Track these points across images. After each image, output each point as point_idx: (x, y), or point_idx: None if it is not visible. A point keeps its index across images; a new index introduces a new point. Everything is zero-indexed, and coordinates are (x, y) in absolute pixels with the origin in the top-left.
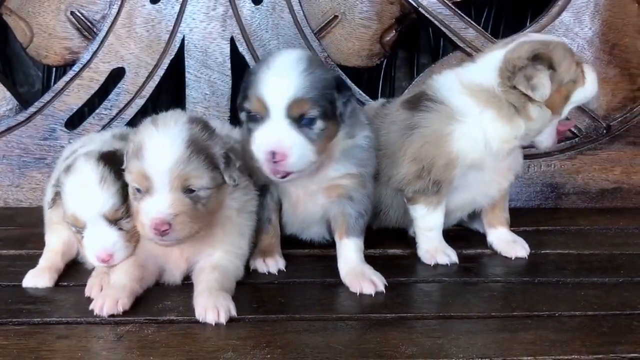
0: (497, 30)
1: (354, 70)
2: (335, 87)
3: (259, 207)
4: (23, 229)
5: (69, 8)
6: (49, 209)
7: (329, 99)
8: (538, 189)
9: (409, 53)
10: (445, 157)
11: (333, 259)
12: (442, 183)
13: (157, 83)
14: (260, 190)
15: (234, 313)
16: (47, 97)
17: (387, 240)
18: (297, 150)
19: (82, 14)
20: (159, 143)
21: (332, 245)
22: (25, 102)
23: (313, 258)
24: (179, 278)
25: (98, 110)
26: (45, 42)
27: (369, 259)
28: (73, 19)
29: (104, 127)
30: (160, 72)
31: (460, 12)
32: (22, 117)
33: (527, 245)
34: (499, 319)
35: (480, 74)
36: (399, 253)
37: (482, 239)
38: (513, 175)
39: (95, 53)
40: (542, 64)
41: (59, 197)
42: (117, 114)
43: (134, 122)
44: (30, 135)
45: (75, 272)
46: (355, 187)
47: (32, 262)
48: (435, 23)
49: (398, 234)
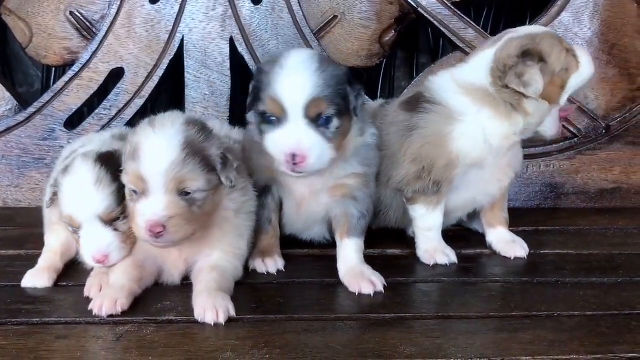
0: (496, 31)
1: (354, 71)
2: (347, 81)
3: (260, 207)
4: (22, 229)
5: (69, 8)
6: (47, 209)
7: (343, 95)
8: (537, 189)
9: (409, 53)
10: (446, 157)
11: (332, 259)
12: (442, 183)
13: (156, 83)
14: (261, 191)
15: (233, 313)
16: (46, 97)
17: (386, 240)
18: (316, 151)
19: (81, 14)
20: (155, 145)
21: (331, 245)
22: (25, 102)
23: (312, 258)
24: (178, 278)
25: (97, 111)
26: (45, 42)
27: (368, 259)
28: (72, 19)
29: (104, 127)
30: (160, 72)
31: (460, 12)
32: (21, 117)
33: (526, 246)
34: (498, 319)
35: (473, 74)
36: (398, 253)
37: (481, 239)
38: (513, 173)
39: (95, 53)
40: (532, 60)
41: (57, 197)
42: (116, 114)
43: (133, 122)
44: (30, 136)
45: (75, 272)
46: (360, 187)
47: (31, 262)
48: (435, 23)
49: (397, 234)
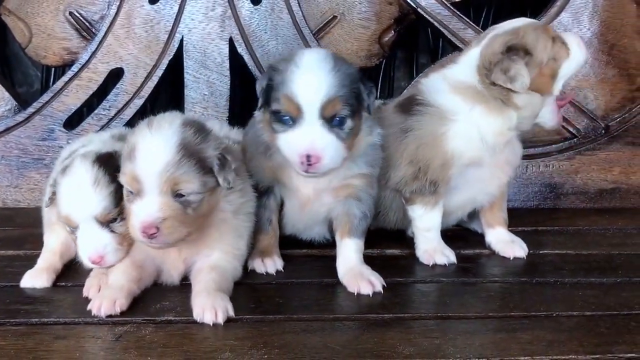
0: None
1: None
2: (360, 79)
3: (260, 207)
4: (21, 230)
5: (68, 8)
6: (47, 208)
7: (356, 94)
8: (536, 189)
9: (408, 53)
10: (441, 157)
11: (331, 259)
12: (439, 183)
13: (155, 83)
14: (263, 191)
15: (232, 313)
16: (45, 97)
17: (385, 241)
18: (330, 152)
19: (80, 15)
20: (151, 146)
21: (329, 246)
22: (24, 102)
23: (311, 258)
24: (177, 279)
25: (97, 111)
26: (44, 42)
27: (367, 259)
28: (72, 20)
29: (103, 127)
30: (159, 72)
31: (459, 12)
32: (20, 117)
33: (525, 246)
34: (497, 319)
35: (462, 73)
36: (397, 253)
37: (480, 239)
38: (512, 170)
39: (94, 53)
40: (517, 54)
41: (56, 196)
42: (115, 115)
43: (133, 122)
44: (29, 136)
45: (74, 272)
46: (365, 187)
47: (30, 262)
48: (434, 24)
49: (396, 234)
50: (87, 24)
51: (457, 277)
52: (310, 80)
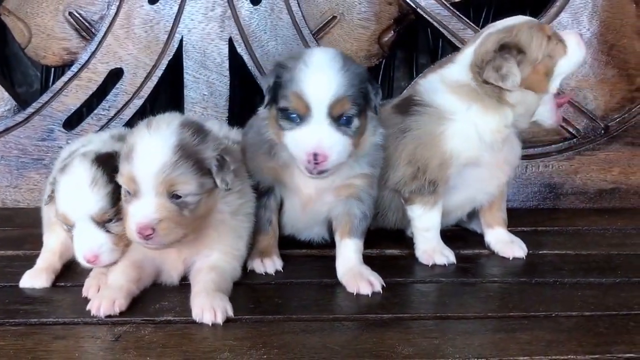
0: None
1: None
2: (367, 79)
3: (260, 208)
4: (21, 230)
5: (67, 9)
6: (46, 206)
7: (364, 94)
8: (536, 190)
9: (408, 53)
10: (439, 157)
11: (330, 259)
12: (438, 183)
13: (155, 84)
14: (262, 191)
15: (231, 313)
16: (45, 97)
17: (384, 241)
18: (336, 150)
19: (80, 15)
20: (148, 147)
21: (329, 246)
22: (24, 102)
23: (310, 258)
24: (176, 279)
25: (96, 111)
26: (44, 42)
27: (367, 259)
28: (71, 20)
29: (102, 127)
30: (159, 72)
31: (459, 12)
32: (20, 117)
33: (524, 246)
34: (496, 320)
35: (458, 73)
36: (397, 253)
37: (479, 240)
38: (511, 170)
39: (94, 54)
40: (509, 53)
41: (54, 194)
42: (115, 115)
43: (132, 122)
44: (29, 136)
45: (73, 272)
46: (366, 187)
47: (29, 262)
48: (434, 24)
49: (396, 234)
50: (86, 24)
51: (456, 277)
52: (320, 79)
